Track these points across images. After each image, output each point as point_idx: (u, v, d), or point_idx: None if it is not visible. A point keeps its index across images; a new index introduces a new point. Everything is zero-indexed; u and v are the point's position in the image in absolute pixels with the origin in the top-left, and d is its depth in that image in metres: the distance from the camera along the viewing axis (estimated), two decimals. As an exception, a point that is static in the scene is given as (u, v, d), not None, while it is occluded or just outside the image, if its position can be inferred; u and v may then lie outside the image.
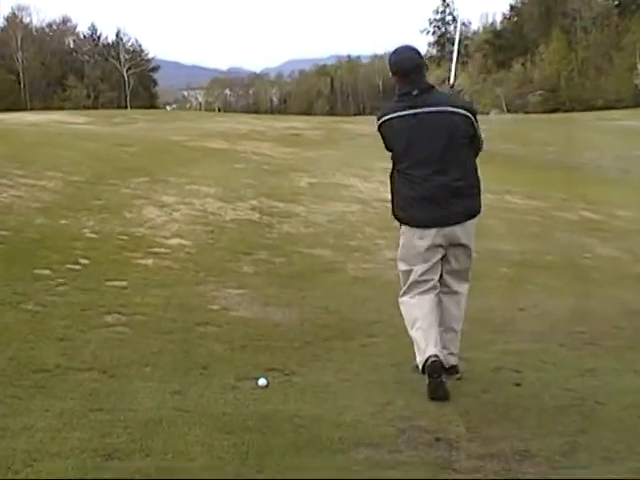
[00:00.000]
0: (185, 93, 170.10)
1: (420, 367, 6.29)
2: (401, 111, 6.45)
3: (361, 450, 5.15)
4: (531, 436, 5.47)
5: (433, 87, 6.57)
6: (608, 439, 5.46)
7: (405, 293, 6.67)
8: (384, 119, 6.54)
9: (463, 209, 6.52)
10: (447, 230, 6.46)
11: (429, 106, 6.40)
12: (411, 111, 6.40)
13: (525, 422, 5.77)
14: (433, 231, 6.46)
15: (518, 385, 6.64)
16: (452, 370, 6.55)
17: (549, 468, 4.95)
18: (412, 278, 6.58)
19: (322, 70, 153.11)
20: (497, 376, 6.78)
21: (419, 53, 6.66)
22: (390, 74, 6.61)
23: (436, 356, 6.20)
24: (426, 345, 6.28)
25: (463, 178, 6.51)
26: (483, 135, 6.65)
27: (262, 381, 6.32)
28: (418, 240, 6.51)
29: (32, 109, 77.61)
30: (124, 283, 9.29)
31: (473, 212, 6.61)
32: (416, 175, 6.45)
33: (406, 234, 6.63)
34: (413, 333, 6.47)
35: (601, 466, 5.02)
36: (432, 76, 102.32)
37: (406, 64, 6.49)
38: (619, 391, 6.57)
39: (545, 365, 7.30)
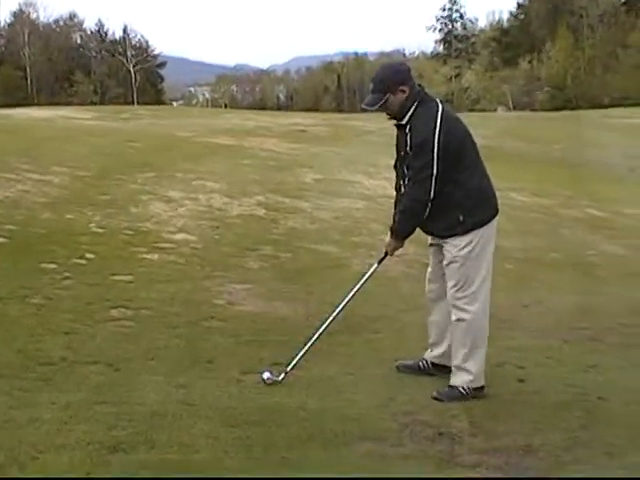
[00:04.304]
0: (191, 89, 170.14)
1: (473, 388, 6.24)
2: None
3: (364, 444, 5.20)
4: (534, 431, 5.51)
5: None
6: (610, 435, 5.50)
7: (484, 308, 6.34)
8: None
9: None
10: None
11: None
12: None
13: (528, 417, 5.81)
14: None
15: (521, 381, 6.67)
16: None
17: (551, 463, 4.99)
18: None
19: (329, 67, 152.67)
20: (501, 372, 6.81)
21: None
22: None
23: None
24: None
25: None
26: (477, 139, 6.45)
27: (267, 375, 6.35)
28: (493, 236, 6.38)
29: (39, 105, 77.59)
30: (130, 278, 9.34)
31: None
32: None
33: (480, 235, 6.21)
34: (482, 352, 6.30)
35: (603, 461, 5.06)
36: (439, 74, 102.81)
37: None
38: (622, 387, 6.61)
39: (548, 361, 7.34)
